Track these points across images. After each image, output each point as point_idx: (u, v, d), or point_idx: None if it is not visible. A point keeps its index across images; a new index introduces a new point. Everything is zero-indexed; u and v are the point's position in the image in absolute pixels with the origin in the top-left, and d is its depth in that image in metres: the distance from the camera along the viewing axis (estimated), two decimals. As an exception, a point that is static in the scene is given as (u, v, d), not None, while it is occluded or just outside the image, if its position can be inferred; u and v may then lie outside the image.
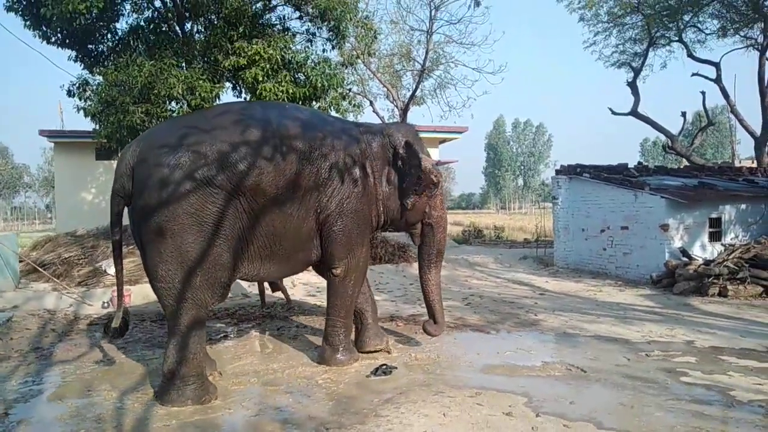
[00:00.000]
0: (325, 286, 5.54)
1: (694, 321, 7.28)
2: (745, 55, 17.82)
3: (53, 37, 10.12)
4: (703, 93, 18.53)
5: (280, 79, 9.54)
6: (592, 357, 5.60)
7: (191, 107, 9.23)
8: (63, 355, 5.98)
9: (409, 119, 17.38)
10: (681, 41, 17.86)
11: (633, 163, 14.29)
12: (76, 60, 10.62)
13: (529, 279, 11.27)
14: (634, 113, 18.36)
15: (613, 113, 19.20)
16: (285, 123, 4.89)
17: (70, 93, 10.62)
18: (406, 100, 17.25)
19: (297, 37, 10.98)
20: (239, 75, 9.70)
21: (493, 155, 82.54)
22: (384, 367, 5.21)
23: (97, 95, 9.38)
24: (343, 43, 11.76)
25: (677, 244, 10.38)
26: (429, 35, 16.17)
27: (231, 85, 10.70)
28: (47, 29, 9.90)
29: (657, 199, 10.62)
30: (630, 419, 4.01)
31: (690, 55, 17.86)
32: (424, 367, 5.34)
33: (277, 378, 5.08)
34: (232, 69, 9.67)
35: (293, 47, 10.34)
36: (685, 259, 9.94)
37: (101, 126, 9.58)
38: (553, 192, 13.74)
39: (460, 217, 41.35)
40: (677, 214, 10.51)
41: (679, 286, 9.36)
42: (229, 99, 10.59)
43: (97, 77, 10.38)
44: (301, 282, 10.12)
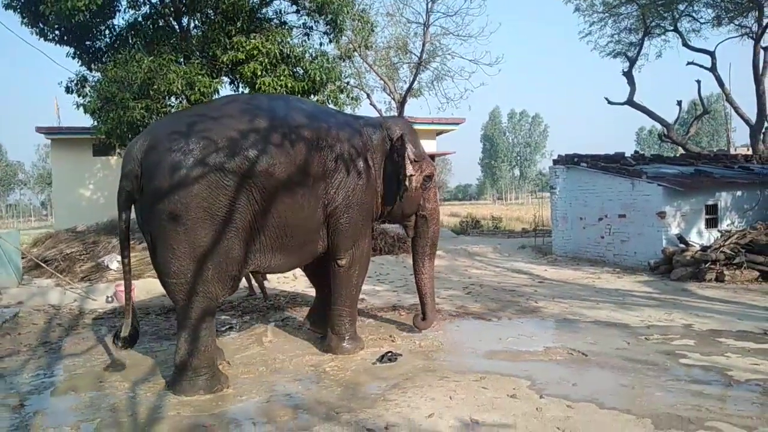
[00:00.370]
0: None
1: (691, 305, 7.40)
2: (740, 44, 17.90)
3: (51, 34, 10.16)
4: (699, 82, 18.59)
5: (278, 74, 9.59)
6: (592, 341, 5.72)
7: (190, 102, 9.27)
8: (71, 349, 6.06)
9: (407, 111, 17.44)
10: (676, 30, 17.94)
11: (629, 152, 14.41)
12: (74, 57, 10.64)
13: (528, 268, 11.38)
14: (630, 102, 18.46)
15: (609, 103, 19.28)
16: (291, 113, 4.96)
17: (68, 90, 10.66)
18: (403, 92, 17.30)
19: (294, 31, 11.02)
20: (237, 70, 9.73)
21: (490, 146, 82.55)
22: (389, 355, 5.31)
23: (97, 91, 9.41)
24: (340, 37, 11.81)
25: (674, 231, 10.51)
26: (426, 27, 16.19)
27: (229, 80, 10.74)
28: (45, 26, 9.94)
29: (654, 187, 10.74)
30: (631, 399, 4.13)
31: (685, 44, 17.94)
32: (428, 354, 5.44)
33: (285, 367, 5.18)
34: (230, 64, 9.71)
35: (291, 41, 10.38)
36: (683, 246, 10.07)
37: (101, 122, 9.61)
38: (551, 182, 13.85)
39: (456, 208, 41.46)
40: (674, 201, 10.63)
41: (677, 272, 9.49)
42: (228, 94, 10.61)
43: (96, 74, 10.42)
44: (303, 274, 10.18)
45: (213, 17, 10.12)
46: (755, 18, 16.80)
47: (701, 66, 17.95)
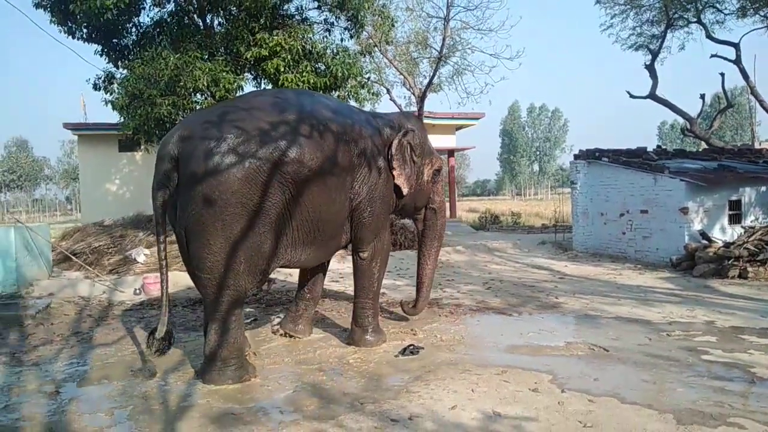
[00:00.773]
0: (350, 272, 5.80)
1: (714, 302, 7.37)
2: (765, 35, 17.57)
3: (79, 32, 10.37)
4: (722, 74, 18.29)
5: (301, 70, 9.69)
6: (614, 337, 5.74)
7: (215, 99, 9.43)
8: (102, 339, 6.25)
9: (426, 106, 17.40)
10: (699, 22, 17.65)
11: (651, 147, 14.28)
12: (101, 54, 10.86)
13: (549, 263, 11.38)
14: (652, 96, 18.23)
15: (631, 96, 19.07)
16: (319, 108, 5.06)
17: (96, 86, 10.90)
18: (423, 87, 17.26)
19: (316, 27, 11.11)
20: (261, 66, 9.86)
21: (509, 141, 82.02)
22: (411, 348, 5.40)
23: (124, 88, 9.60)
24: (361, 32, 11.88)
25: (697, 227, 10.41)
26: (446, 22, 16.08)
27: (252, 76, 10.87)
28: (73, 24, 10.15)
29: (676, 183, 10.65)
30: (653, 395, 4.16)
31: (709, 36, 17.65)
32: (449, 348, 5.52)
33: (310, 358, 5.30)
34: (253, 60, 9.84)
35: (312, 37, 10.48)
36: (705, 242, 9.98)
37: (128, 118, 9.80)
38: (572, 177, 13.78)
39: (475, 204, 41.34)
40: (697, 197, 10.54)
41: (699, 268, 9.42)
42: (252, 90, 10.75)
43: (123, 71, 10.63)
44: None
45: (236, 14, 10.26)
46: (782, 10, 16.46)
47: (725, 58, 17.66)
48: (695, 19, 17.72)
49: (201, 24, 10.79)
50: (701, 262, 9.51)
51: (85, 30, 10.26)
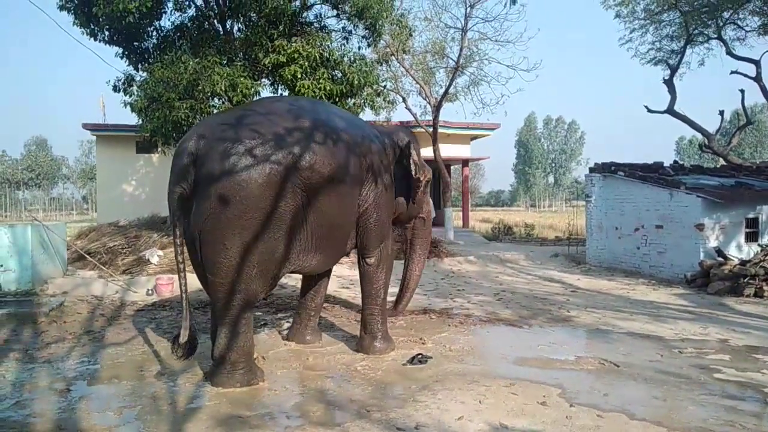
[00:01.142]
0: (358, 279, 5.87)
1: (728, 320, 7.26)
2: (787, 53, 17.37)
3: (101, 35, 10.55)
4: (742, 91, 18.09)
5: (318, 77, 9.76)
6: (625, 353, 5.68)
7: (233, 103, 9.52)
8: (114, 339, 6.32)
9: (442, 116, 17.44)
10: (720, 38, 17.50)
11: (668, 162, 14.15)
12: (122, 57, 11.03)
13: (561, 276, 11.30)
14: (670, 111, 18.08)
15: (649, 111, 18.91)
16: (333, 117, 5.19)
17: (115, 88, 11.07)
18: (438, 96, 17.31)
19: (333, 35, 11.20)
20: (278, 72, 9.95)
21: (524, 152, 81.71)
22: (420, 357, 5.39)
23: (143, 91, 9.73)
24: (379, 41, 11.95)
25: (712, 243, 10.30)
26: (464, 33, 16.16)
27: (270, 82, 10.97)
28: (96, 27, 10.32)
29: (693, 199, 10.54)
30: (663, 412, 4.11)
31: (729, 53, 17.48)
32: (458, 358, 5.49)
33: (318, 364, 5.31)
34: (271, 66, 9.93)
35: (330, 45, 10.56)
36: (721, 259, 9.86)
37: (147, 121, 9.93)
38: (587, 190, 13.70)
39: (489, 214, 41.17)
40: (713, 213, 10.42)
41: (714, 285, 9.30)
42: (269, 95, 10.85)
43: (143, 74, 10.78)
44: (335, 274, 10.32)
45: (256, 21, 10.37)
46: (804, 27, 16.30)
47: (745, 75, 17.47)
48: (715, 36, 17.57)
49: (221, 29, 10.92)
50: (716, 279, 9.39)
51: (107, 32, 10.43)
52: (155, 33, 11.01)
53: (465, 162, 22.05)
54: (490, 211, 51.62)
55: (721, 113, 18.51)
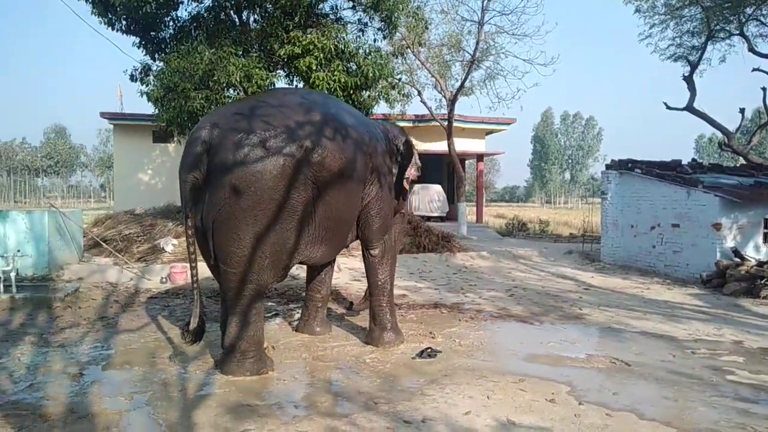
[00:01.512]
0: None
1: (743, 322, 7.16)
2: (812, 51, 16.97)
3: (118, 24, 10.59)
4: (764, 89, 17.72)
5: (332, 69, 9.73)
6: (637, 352, 5.63)
7: (247, 94, 9.53)
8: (127, 325, 6.39)
9: (457, 110, 17.36)
10: (742, 35, 17.17)
11: (687, 160, 13.98)
12: (139, 46, 11.08)
13: (574, 274, 11.21)
14: (689, 108, 17.80)
15: (668, 108, 18.62)
16: (342, 112, 5.25)
17: (132, 78, 11.13)
18: (454, 90, 17.21)
19: (349, 27, 11.15)
20: (293, 64, 9.94)
21: (540, 148, 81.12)
22: (429, 351, 5.38)
23: (160, 81, 9.78)
24: (394, 33, 11.89)
25: (729, 243, 10.15)
26: (480, 26, 16.04)
27: (285, 74, 10.97)
28: (113, 16, 10.37)
29: (710, 198, 10.39)
30: (673, 412, 4.07)
31: (751, 50, 17.14)
32: (467, 353, 5.48)
33: (327, 355, 5.33)
34: (286, 58, 9.92)
35: (346, 37, 10.52)
36: (737, 260, 9.72)
37: (163, 110, 9.99)
38: (603, 187, 13.57)
39: (503, 210, 41.00)
40: (731, 213, 10.27)
41: (730, 286, 9.17)
42: (282, 86, 10.85)
43: (159, 63, 10.83)
44: (347, 267, 10.38)
45: (272, 12, 10.35)
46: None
47: (767, 73, 17.15)
48: (737, 32, 17.24)
49: (237, 20, 10.93)
50: (732, 280, 9.26)
51: (125, 22, 10.48)
52: (172, 23, 11.05)
53: (480, 157, 21.94)
54: (504, 207, 51.43)
55: (742, 111, 18.18)
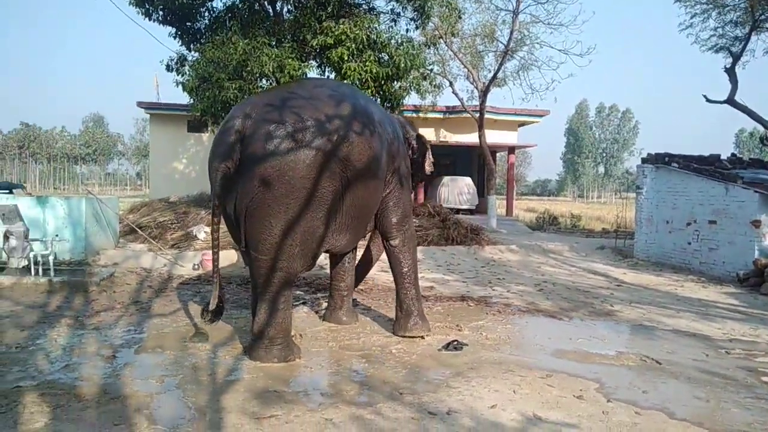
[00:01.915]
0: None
1: (782, 323, 6.95)
2: None
3: (155, 15, 10.80)
4: (812, 82, 17.11)
5: (364, 59, 9.74)
6: (668, 350, 5.51)
7: (279, 84, 9.61)
8: (160, 310, 6.55)
9: (489, 101, 17.16)
10: (789, 25, 16.54)
11: (726, 155, 13.54)
12: (175, 37, 11.27)
13: (606, 269, 11.02)
14: (730, 101, 17.24)
15: (708, 101, 18.09)
16: (369, 107, 5.31)
17: (168, 68, 11.34)
18: (486, 81, 17.02)
19: (381, 17, 11.12)
20: (325, 54, 9.97)
21: (574, 141, 79.78)
22: (455, 343, 5.37)
23: (195, 71, 9.93)
24: (427, 23, 11.81)
25: (769, 242, 9.83)
26: (515, 15, 15.78)
27: (317, 64, 11.01)
28: (150, 7, 10.57)
29: (750, 194, 10.07)
30: (704, 412, 3.98)
31: (799, 41, 16.52)
32: (494, 347, 5.45)
33: (353, 344, 5.37)
34: (319, 48, 9.96)
35: (378, 27, 10.49)
36: (777, 259, 9.41)
37: (197, 100, 10.15)
38: (638, 181, 13.27)
39: (534, 203, 40.54)
40: (772, 210, 9.93)
41: (768, 286, 8.90)
42: (313, 77, 10.90)
43: (194, 54, 11.00)
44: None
45: (305, 2, 10.40)
46: None
47: (816, 65, 16.50)
48: (784, 22, 16.60)
49: (270, 11, 11.02)
50: (771, 279, 8.96)
51: (161, 12, 10.67)
52: (207, 13, 11.20)
53: (511, 149, 21.68)
54: (535, 201, 50.81)
55: (787, 105, 17.54)
